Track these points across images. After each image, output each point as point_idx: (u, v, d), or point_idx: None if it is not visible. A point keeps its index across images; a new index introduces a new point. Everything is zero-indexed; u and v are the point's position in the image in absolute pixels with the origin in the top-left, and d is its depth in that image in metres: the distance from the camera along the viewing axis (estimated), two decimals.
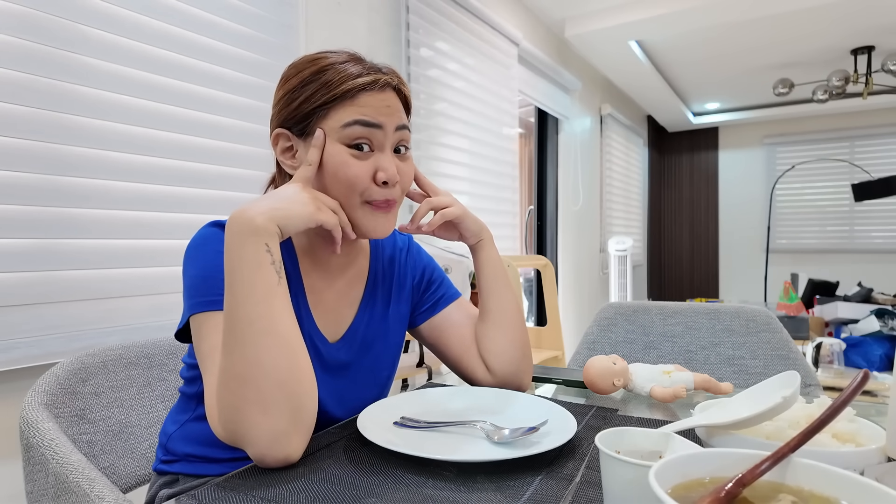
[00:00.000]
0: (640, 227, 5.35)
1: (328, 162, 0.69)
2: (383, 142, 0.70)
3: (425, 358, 1.76)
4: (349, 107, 0.68)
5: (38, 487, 0.68)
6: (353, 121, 0.68)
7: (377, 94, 0.69)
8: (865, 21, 3.30)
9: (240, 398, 0.56)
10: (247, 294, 0.59)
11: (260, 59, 1.58)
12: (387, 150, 0.70)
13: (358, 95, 0.68)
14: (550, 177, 3.66)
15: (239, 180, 1.52)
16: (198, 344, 0.65)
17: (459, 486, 0.54)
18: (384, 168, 0.69)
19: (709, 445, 0.57)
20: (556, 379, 0.99)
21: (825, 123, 5.46)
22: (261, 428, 0.56)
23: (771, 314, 1.23)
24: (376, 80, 0.69)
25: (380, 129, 0.69)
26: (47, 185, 1.13)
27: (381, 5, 2.07)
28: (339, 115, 0.68)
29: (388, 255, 0.87)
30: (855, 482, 0.35)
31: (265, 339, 0.57)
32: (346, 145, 0.69)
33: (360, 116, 0.68)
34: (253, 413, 0.56)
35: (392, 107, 0.70)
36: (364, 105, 0.68)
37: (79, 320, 1.18)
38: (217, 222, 0.72)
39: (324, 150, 0.69)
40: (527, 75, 3.11)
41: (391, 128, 0.70)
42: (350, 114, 0.68)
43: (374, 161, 0.70)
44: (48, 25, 1.13)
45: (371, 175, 0.69)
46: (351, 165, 0.68)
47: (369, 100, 0.69)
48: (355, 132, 0.68)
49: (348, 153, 0.69)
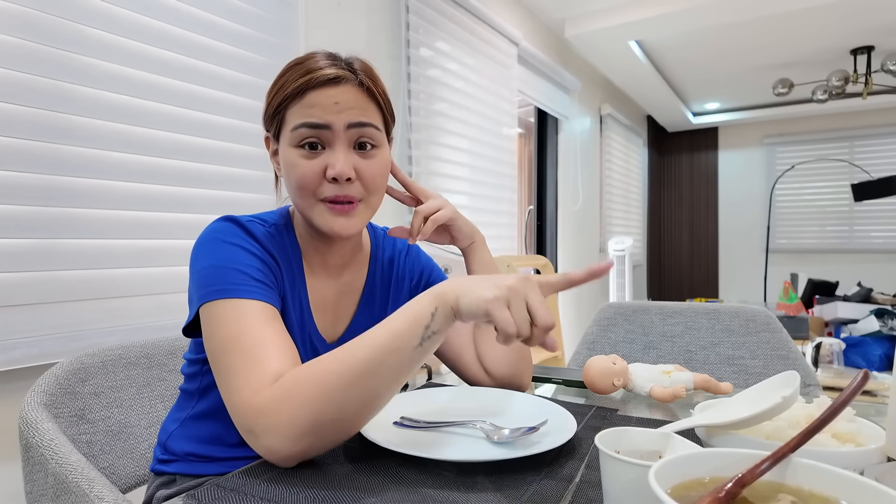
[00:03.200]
0: (639, 227, 5.35)
1: (284, 165, 0.70)
2: (332, 139, 0.69)
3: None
4: (299, 107, 0.68)
5: (38, 487, 0.68)
6: (299, 124, 0.68)
7: (327, 90, 0.68)
8: (865, 21, 3.30)
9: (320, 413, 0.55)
10: (396, 340, 0.56)
11: (260, 59, 1.58)
12: (337, 147, 0.69)
13: (306, 94, 0.68)
14: (550, 177, 3.66)
15: (239, 180, 1.52)
16: (211, 333, 0.62)
17: (459, 486, 0.54)
18: (332, 164, 0.68)
19: (709, 445, 0.57)
20: (555, 379, 0.99)
21: (825, 123, 5.46)
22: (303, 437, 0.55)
23: (770, 314, 1.23)
24: (326, 74, 0.67)
25: (327, 128, 0.68)
26: (47, 185, 1.13)
27: (380, 5, 2.07)
28: (291, 118, 0.69)
29: (387, 257, 0.87)
30: (855, 482, 0.35)
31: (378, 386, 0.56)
32: (295, 147, 0.69)
33: (305, 119, 0.67)
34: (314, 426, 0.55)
35: (342, 103, 0.68)
36: (312, 104, 0.68)
37: (78, 320, 1.18)
38: (227, 217, 0.72)
39: (282, 153, 0.70)
40: (526, 75, 3.11)
41: (340, 125, 0.68)
42: (298, 116, 0.68)
43: (324, 158, 0.69)
44: (48, 25, 1.13)
45: (321, 173, 0.69)
46: (299, 165, 0.68)
47: (318, 97, 0.68)
48: (302, 134, 0.68)
49: (298, 154, 0.68)
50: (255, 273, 0.66)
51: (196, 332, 0.70)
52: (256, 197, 1.56)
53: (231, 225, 0.70)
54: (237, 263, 0.66)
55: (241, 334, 0.60)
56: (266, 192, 1.59)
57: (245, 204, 1.53)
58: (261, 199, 1.57)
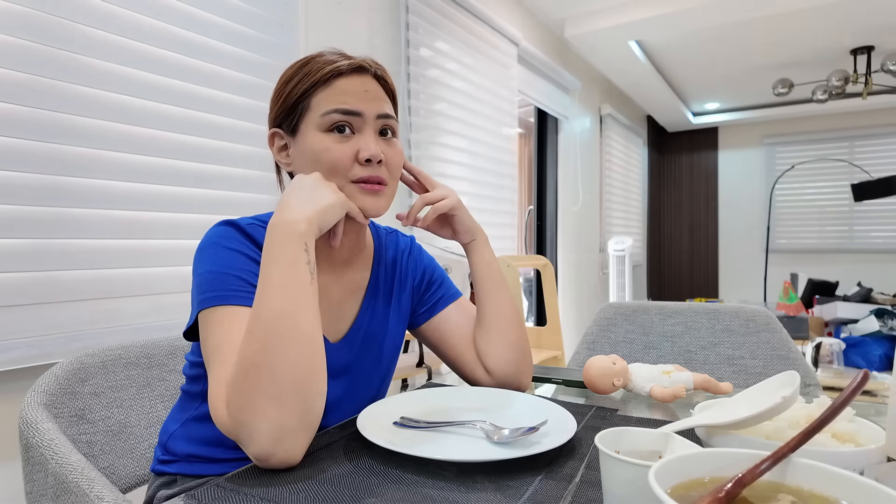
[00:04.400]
0: (639, 226, 5.35)
1: (310, 151, 0.71)
2: (362, 126, 0.71)
3: (425, 358, 1.76)
4: (328, 94, 0.70)
5: (38, 488, 0.68)
6: (331, 109, 0.70)
7: (354, 77, 0.71)
8: (865, 21, 3.30)
9: (256, 388, 0.55)
10: (280, 288, 0.59)
11: (260, 59, 1.58)
12: (367, 132, 0.71)
13: (335, 80, 0.70)
14: (550, 177, 3.66)
15: (239, 180, 1.52)
16: (205, 338, 0.64)
17: (459, 486, 0.54)
18: (365, 147, 0.70)
19: (708, 445, 0.57)
20: (555, 379, 0.99)
21: (825, 123, 5.46)
22: (271, 421, 0.55)
23: (770, 314, 1.23)
24: (352, 63, 0.71)
25: (359, 116, 0.70)
26: (47, 185, 1.13)
27: (380, 5, 2.07)
28: (319, 105, 0.70)
29: (391, 257, 0.87)
30: (855, 482, 0.35)
31: (291, 334, 0.57)
32: (325, 131, 0.70)
33: (338, 105, 0.70)
34: (266, 404, 0.55)
35: (370, 92, 0.71)
36: (343, 91, 0.70)
37: (78, 320, 1.18)
38: (228, 221, 0.72)
39: (305, 141, 0.71)
40: (526, 75, 3.11)
41: (371, 115, 0.71)
42: (329, 102, 0.70)
43: (355, 142, 0.71)
44: (48, 25, 1.13)
45: (353, 156, 0.70)
46: (333, 149, 0.70)
47: (347, 85, 0.70)
48: (334, 118, 0.70)
49: (329, 139, 0.70)
50: (253, 278, 0.67)
51: (196, 335, 0.71)
52: (256, 197, 1.56)
53: (230, 229, 0.70)
54: (235, 269, 0.66)
55: (227, 341, 0.62)
56: (266, 192, 1.59)
57: (245, 204, 1.53)
58: (261, 199, 1.57)
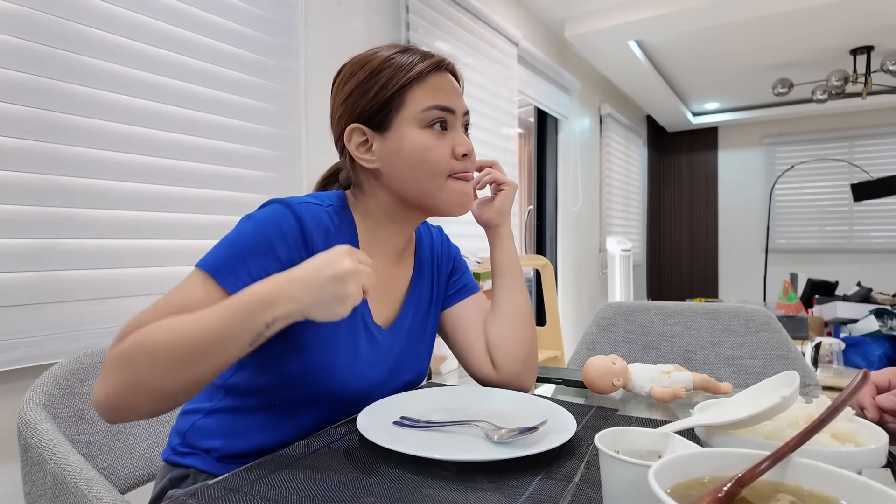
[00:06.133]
0: (639, 226, 5.35)
1: (411, 149, 0.72)
2: (454, 122, 0.76)
3: None
4: (423, 90, 0.73)
5: (36, 488, 0.68)
6: (431, 105, 0.73)
7: (443, 74, 0.75)
8: (865, 21, 3.30)
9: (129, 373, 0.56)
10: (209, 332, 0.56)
11: (260, 59, 1.58)
12: (458, 129, 0.76)
13: (428, 77, 0.73)
14: (550, 177, 3.66)
15: (239, 180, 1.52)
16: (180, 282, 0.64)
17: (459, 486, 0.54)
18: (461, 143, 0.75)
19: (708, 445, 0.57)
20: (555, 379, 0.99)
21: (824, 123, 5.46)
22: (119, 398, 0.57)
23: (770, 314, 1.23)
24: (441, 60, 0.75)
25: (452, 112, 0.75)
26: (47, 185, 1.13)
27: (380, 5, 2.07)
28: (416, 101, 0.72)
29: (427, 245, 0.90)
30: (854, 482, 0.35)
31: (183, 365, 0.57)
32: (424, 128, 0.73)
33: (437, 101, 0.73)
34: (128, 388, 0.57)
35: (457, 89, 0.77)
36: (438, 88, 0.73)
37: (78, 320, 1.17)
38: (284, 203, 0.69)
39: (402, 139, 0.72)
40: (526, 75, 3.11)
41: (461, 111, 0.76)
42: (427, 98, 0.72)
43: (451, 138, 0.75)
44: (48, 25, 1.13)
45: (451, 152, 0.74)
46: (435, 147, 0.73)
47: (440, 81, 0.74)
48: (435, 115, 0.73)
49: (430, 135, 0.73)
50: (259, 272, 0.64)
51: None
52: (257, 197, 1.56)
53: (279, 217, 0.67)
54: (250, 257, 0.64)
55: (179, 297, 0.61)
56: (266, 192, 1.59)
57: (245, 204, 1.53)
58: (261, 198, 1.57)
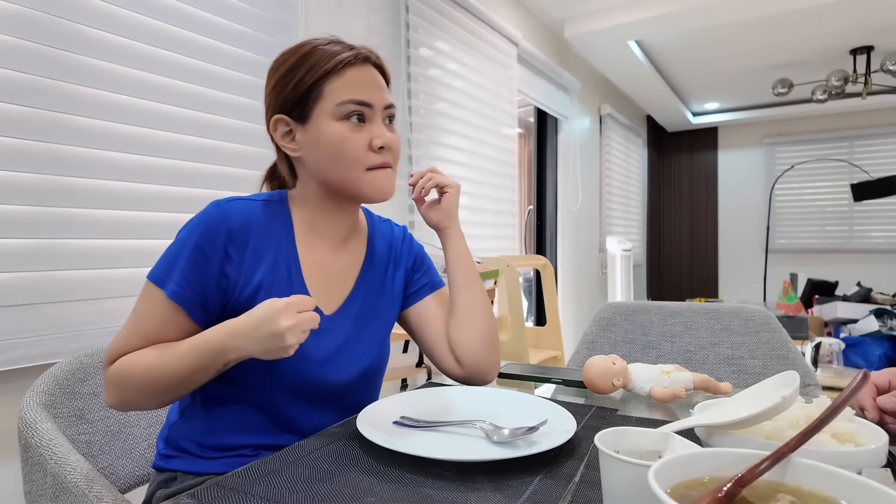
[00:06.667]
0: (639, 226, 5.35)
1: (328, 140, 0.74)
2: (373, 116, 0.76)
3: (425, 358, 1.76)
4: (341, 83, 0.74)
5: (37, 487, 0.68)
6: (347, 99, 0.74)
7: (362, 67, 0.76)
8: (865, 21, 3.30)
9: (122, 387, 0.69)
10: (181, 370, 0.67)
11: (260, 59, 1.58)
12: (376, 122, 0.77)
13: (345, 70, 0.74)
14: (550, 177, 3.66)
15: (239, 180, 1.52)
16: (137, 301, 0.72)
17: (459, 486, 0.54)
18: (379, 135, 0.76)
19: (708, 445, 0.57)
20: (555, 379, 0.99)
21: (824, 123, 5.46)
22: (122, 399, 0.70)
23: (770, 314, 1.23)
24: (357, 53, 0.76)
25: (370, 106, 0.75)
26: (47, 185, 1.13)
27: (380, 5, 2.07)
28: (332, 94, 0.74)
29: (386, 240, 0.91)
30: (854, 482, 0.35)
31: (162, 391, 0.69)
32: (340, 120, 0.74)
33: (353, 96, 0.74)
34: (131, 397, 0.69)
35: (378, 82, 0.77)
36: (356, 81, 0.75)
37: (78, 320, 1.17)
38: (216, 203, 0.74)
39: (320, 130, 0.74)
40: (526, 75, 3.11)
41: (380, 105, 0.77)
42: (343, 92, 0.74)
43: (368, 131, 0.76)
44: (48, 25, 1.13)
45: (367, 144, 0.75)
46: (351, 139, 0.74)
47: (357, 75, 0.75)
48: (350, 108, 0.74)
49: (345, 128, 0.74)
50: (191, 273, 0.70)
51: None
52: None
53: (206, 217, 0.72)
54: (181, 258, 0.70)
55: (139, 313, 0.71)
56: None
57: None
58: None
